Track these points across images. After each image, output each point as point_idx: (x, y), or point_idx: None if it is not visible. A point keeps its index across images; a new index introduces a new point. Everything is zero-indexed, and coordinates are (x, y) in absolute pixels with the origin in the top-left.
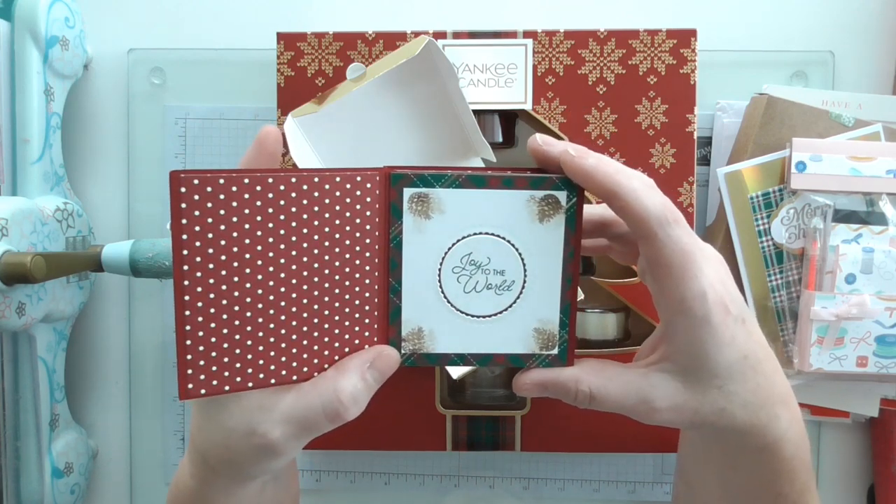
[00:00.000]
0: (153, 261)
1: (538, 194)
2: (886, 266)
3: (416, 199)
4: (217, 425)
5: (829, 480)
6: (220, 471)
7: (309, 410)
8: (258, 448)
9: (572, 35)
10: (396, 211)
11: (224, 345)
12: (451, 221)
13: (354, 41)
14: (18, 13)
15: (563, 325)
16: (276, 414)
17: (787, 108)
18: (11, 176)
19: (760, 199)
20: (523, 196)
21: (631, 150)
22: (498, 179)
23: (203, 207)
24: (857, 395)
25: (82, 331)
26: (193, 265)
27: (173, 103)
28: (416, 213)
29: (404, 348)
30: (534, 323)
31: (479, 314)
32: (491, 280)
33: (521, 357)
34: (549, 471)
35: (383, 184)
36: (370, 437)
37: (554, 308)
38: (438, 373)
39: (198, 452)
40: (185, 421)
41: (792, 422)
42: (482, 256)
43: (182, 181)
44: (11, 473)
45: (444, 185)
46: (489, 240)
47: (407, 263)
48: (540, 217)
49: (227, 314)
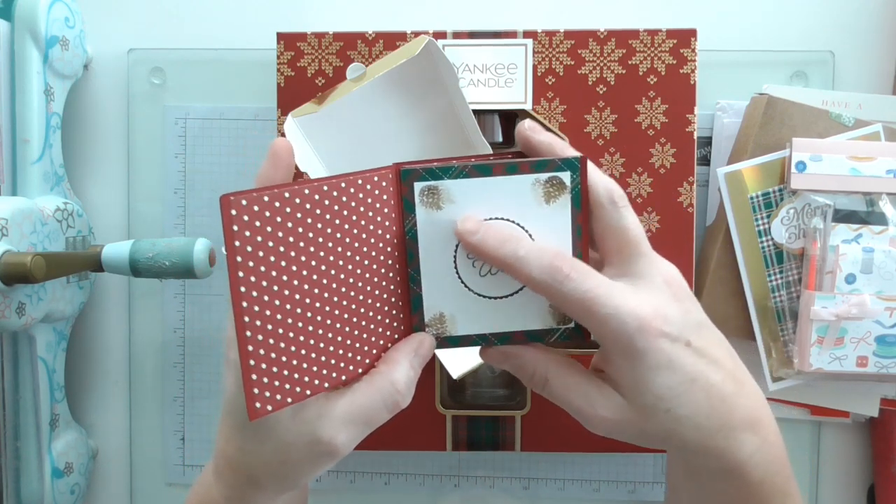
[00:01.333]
0: (153, 261)
1: (542, 177)
2: (886, 266)
3: (427, 191)
4: (272, 445)
5: (829, 480)
6: (268, 486)
7: (370, 407)
8: (321, 455)
9: (572, 35)
10: (409, 205)
11: (283, 358)
12: (461, 210)
13: (354, 41)
14: (18, 13)
15: None
16: (337, 419)
17: (787, 108)
18: (11, 176)
19: (760, 199)
20: (528, 180)
21: (631, 150)
22: (502, 166)
23: (252, 226)
24: (857, 395)
25: (82, 331)
26: (249, 284)
27: (173, 103)
28: (428, 205)
29: (428, 333)
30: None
31: (496, 295)
32: None
33: (539, 333)
34: (549, 471)
35: (395, 180)
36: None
37: None
38: (438, 373)
39: (240, 472)
40: (184, 421)
41: (761, 446)
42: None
43: (232, 204)
44: (11, 473)
45: (451, 177)
46: (500, 224)
47: (423, 253)
48: (546, 198)
49: (282, 328)
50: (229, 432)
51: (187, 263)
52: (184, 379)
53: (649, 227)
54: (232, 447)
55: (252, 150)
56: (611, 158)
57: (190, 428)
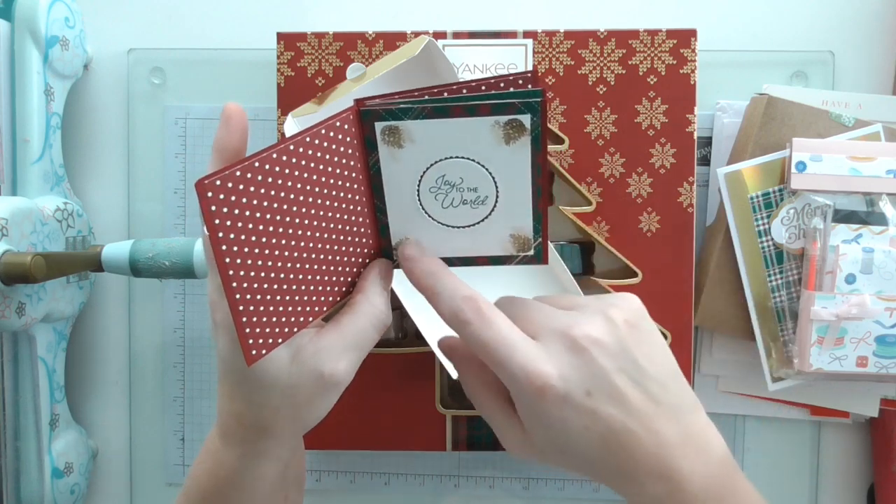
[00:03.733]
0: (153, 261)
1: (502, 119)
2: (886, 266)
3: (388, 131)
4: (279, 391)
5: (829, 480)
6: (282, 432)
7: (360, 332)
8: (327, 387)
9: (572, 35)
10: (371, 143)
11: (270, 308)
12: (422, 148)
13: (354, 41)
14: (18, 13)
15: (536, 230)
16: (334, 350)
17: (787, 108)
18: (11, 176)
19: (760, 199)
20: (487, 122)
21: (631, 150)
22: (461, 108)
23: (228, 202)
24: (857, 395)
25: (82, 331)
26: (233, 254)
27: (173, 103)
28: (389, 143)
29: (396, 256)
30: (509, 230)
31: (458, 225)
32: (466, 196)
33: (501, 258)
34: (549, 471)
35: (356, 120)
36: (370, 437)
37: (527, 217)
38: (438, 373)
39: (252, 426)
40: (184, 421)
41: (672, 493)
42: (455, 177)
43: (206, 187)
44: (11, 473)
45: (411, 118)
46: (460, 162)
47: (388, 187)
48: (506, 139)
49: (266, 281)
50: (232, 390)
51: (187, 263)
52: (184, 379)
53: (649, 228)
54: (239, 404)
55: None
56: (611, 158)
57: (190, 428)
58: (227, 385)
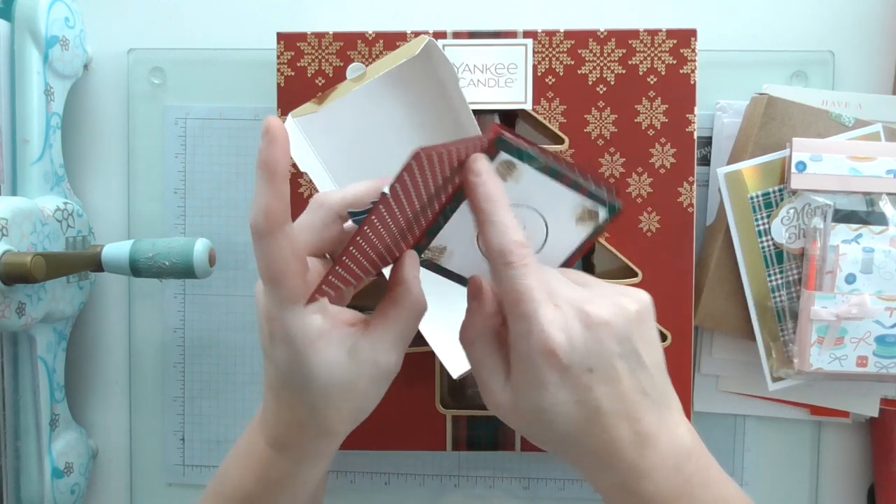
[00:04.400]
0: (153, 261)
1: (588, 203)
2: (886, 266)
3: (505, 164)
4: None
5: (829, 480)
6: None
7: (405, 324)
8: (382, 377)
9: (572, 35)
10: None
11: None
12: (517, 189)
13: (354, 41)
14: (18, 13)
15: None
16: (387, 343)
17: (787, 108)
18: (11, 176)
19: (760, 199)
20: (577, 199)
21: (631, 150)
22: (570, 180)
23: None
24: (857, 395)
25: (82, 331)
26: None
27: (173, 103)
28: (498, 172)
29: (425, 255)
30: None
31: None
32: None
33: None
34: (549, 471)
35: (489, 141)
36: (370, 437)
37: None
38: (438, 373)
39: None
40: (184, 421)
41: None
42: (521, 222)
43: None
44: (11, 473)
45: (530, 164)
46: (535, 214)
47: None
48: (578, 219)
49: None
50: (293, 400)
51: (187, 263)
52: (184, 379)
53: (649, 228)
54: (301, 412)
55: (252, 150)
56: (611, 158)
57: (190, 428)
58: (287, 396)
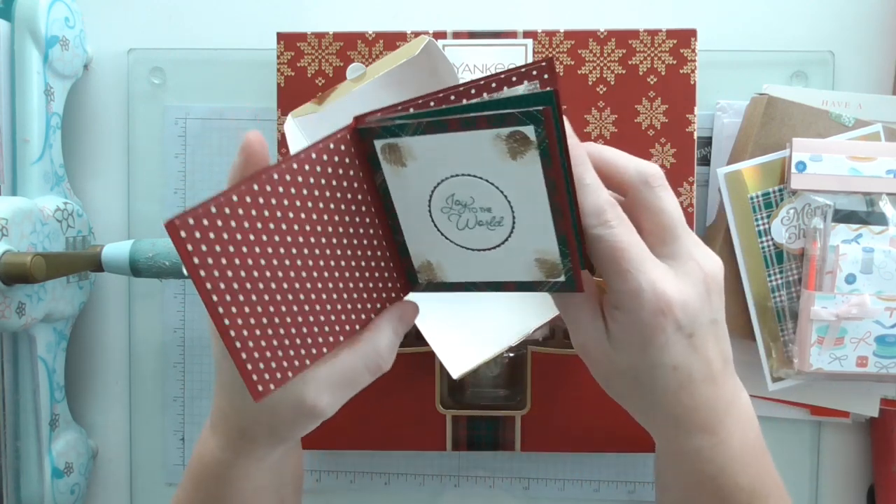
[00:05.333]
0: (153, 261)
1: (503, 132)
2: (886, 266)
3: (388, 149)
4: (258, 406)
5: (829, 480)
6: (258, 439)
7: (353, 371)
8: (307, 416)
9: (572, 35)
10: (374, 161)
11: (273, 342)
12: (425, 166)
13: (354, 41)
14: (18, 13)
15: (563, 254)
16: (321, 382)
17: (787, 108)
18: (11, 176)
19: (760, 199)
20: (488, 136)
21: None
22: (457, 122)
23: (207, 240)
24: (857, 395)
25: (82, 331)
26: (220, 290)
27: (173, 103)
28: (391, 161)
29: (420, 279)
30: (533, 254)
31: (477, 248)
32: (480, 217)
33: (530, 284)
34: (549, 471)
35: (354, 139)
36: (370, 437)
37: (550, 239)
38: (438, 373)
39: (234, 429)
40: (184, 421)
41: (716, 445)
42: (465, 196)
43: (178, 227)
44: (11, 473)
45: (409, 134)
46: (467, 180)
47: (399, 205)
48: (511, 154)
49: (265, 317)
50: (220, 390)
51: None
52: (184, 379)
53: None
54: (225, 403)
55: None
56: None
57: (190, 428)
58: (219, 384)
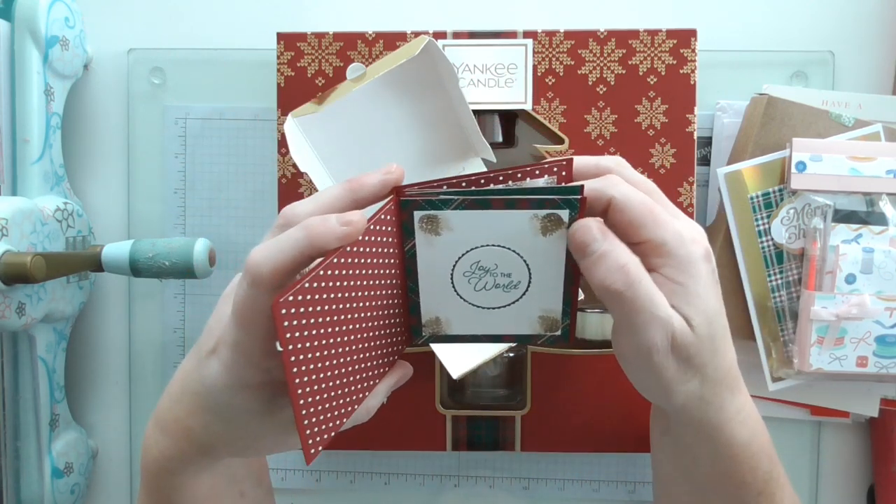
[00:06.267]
0: (153, 261)
1: (540, 213)
2: (886, 266)
3: (426, 220)
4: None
5: (829, 480)
6: (222, 455)
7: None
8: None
9: (572, 35)
10: (408, 230)
11: (327, 405)
12: (459, 236)
13: (354, 41)
14: (18, 13)
15: (565, 313)
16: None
17: (787, 108)
18: (11, 176)
19: (760, 199)
20: (527, 215)
21: (631, 150)
22: (501, 202)
23: (298, 315)
24: (857, 395)
25: (82, 331)
26: (299, 362)
27: (173, 103)
28: (427, 231)
29: (424, 332)
30: (538, 312)
31: (488, 306)
32: (499, 281)
33: (528, 337)
34: (549, 471)
35: (395, 205)
36: (370, 437)
37: (557, 300)
38: (438, 373)
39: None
40: None
41: (743, 406)
42: (490, 263)
43: (282, 305)
44: (11, 473)
45: (450, 208)
46: (496, 250)
47: (422, 270)
48: (542, 231)
49: (325, 382)
50: (194, 410)
51: (187, 263)
52: None
53: None
54: (196, 422)
55: (252, 150)
56: None
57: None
58: (189, 403)
